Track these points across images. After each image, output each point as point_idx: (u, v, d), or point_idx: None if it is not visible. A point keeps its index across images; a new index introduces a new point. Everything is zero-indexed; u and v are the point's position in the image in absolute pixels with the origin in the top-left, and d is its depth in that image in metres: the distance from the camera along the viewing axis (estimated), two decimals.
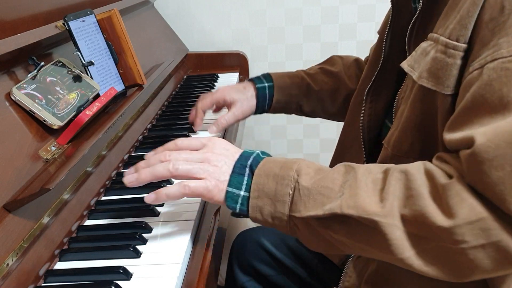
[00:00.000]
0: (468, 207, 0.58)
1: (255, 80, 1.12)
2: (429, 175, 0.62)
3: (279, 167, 0.69)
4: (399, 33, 0.84)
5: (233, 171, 0.70)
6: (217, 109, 1.17)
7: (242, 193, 0.69)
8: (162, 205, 0.84)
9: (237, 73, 1.68)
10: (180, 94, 1.47)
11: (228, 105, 1.10)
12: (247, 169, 0.70)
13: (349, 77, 1.11)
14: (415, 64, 0.70)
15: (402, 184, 0.62)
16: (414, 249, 0.62)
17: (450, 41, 0.64)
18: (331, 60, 1.17)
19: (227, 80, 1.62)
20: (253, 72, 1.85)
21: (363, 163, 0.87)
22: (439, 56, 0.65)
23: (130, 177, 0.72)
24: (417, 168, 0.64)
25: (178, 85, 1.54)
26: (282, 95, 1.11)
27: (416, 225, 0.61)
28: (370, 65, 0.95)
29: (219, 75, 1.66)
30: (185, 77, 1.64)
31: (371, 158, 0.92)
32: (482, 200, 0.58)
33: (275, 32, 1.82)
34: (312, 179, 0.67)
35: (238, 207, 0.69)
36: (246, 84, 1.12)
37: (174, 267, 0.68)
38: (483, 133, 0.57)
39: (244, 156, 0.72)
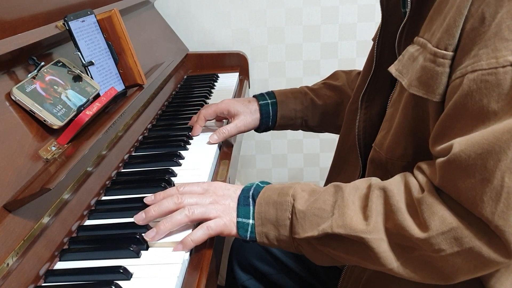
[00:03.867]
0: (439, 219, 0.62)
1: (258, 97, 1.13)
2: (407, 189, 0.67)
3: (277, 193, 0.75)
4: (390, 38, 0.84)
5: (238, 204, 0.76)
6: (219, 118, 1.18)
7: (250, 221, 0.75)
8: None
9: (237, 73, 1.68)
10: (180, 94, 1.47)
11: (231, 117, 1.12)
12: (250, 199, 0.76)
13: (352, 90, 1.10)
14: (403, 69, 0.71)
15: (383, 200, 0.68)
16: (401, 259, 0.67)
17: (439, 51, 0.65)
18: (335, 75, 1.19)
19: (227, 80, 1.62)
20: (253, 72, 1.85)
21: (361, 170, 0.90)
22: (428, 65, 0.66)
23: (150, 233, 0.73)
24: (397, 183, 0.68)
25: (178, 85, 1.54)
26: (286, 111, 1.12)
27: (399, 236, 0.65)
28: (364, 72, 0.96)
29: (219, 75, 1.66)
30: (185, 77, 1.64)
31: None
32: (453, 210, 0.62)
33: (275, 32, 1.82)
34: (307, 202, 0.72)
35: (248, 235, 0.75)
36: (250, 99, 1.14)
37: (174, 267, 0.68)
38: (459, 142, 0.61)
39: (245, 189, 0.78)
